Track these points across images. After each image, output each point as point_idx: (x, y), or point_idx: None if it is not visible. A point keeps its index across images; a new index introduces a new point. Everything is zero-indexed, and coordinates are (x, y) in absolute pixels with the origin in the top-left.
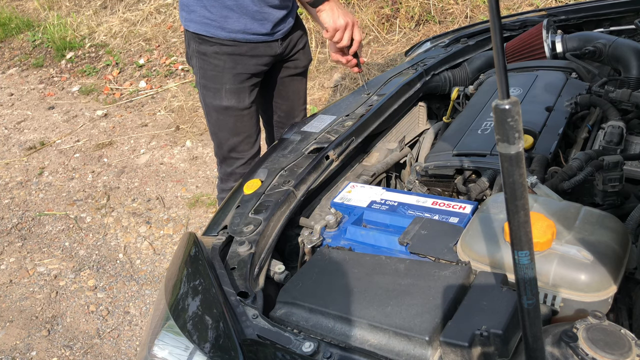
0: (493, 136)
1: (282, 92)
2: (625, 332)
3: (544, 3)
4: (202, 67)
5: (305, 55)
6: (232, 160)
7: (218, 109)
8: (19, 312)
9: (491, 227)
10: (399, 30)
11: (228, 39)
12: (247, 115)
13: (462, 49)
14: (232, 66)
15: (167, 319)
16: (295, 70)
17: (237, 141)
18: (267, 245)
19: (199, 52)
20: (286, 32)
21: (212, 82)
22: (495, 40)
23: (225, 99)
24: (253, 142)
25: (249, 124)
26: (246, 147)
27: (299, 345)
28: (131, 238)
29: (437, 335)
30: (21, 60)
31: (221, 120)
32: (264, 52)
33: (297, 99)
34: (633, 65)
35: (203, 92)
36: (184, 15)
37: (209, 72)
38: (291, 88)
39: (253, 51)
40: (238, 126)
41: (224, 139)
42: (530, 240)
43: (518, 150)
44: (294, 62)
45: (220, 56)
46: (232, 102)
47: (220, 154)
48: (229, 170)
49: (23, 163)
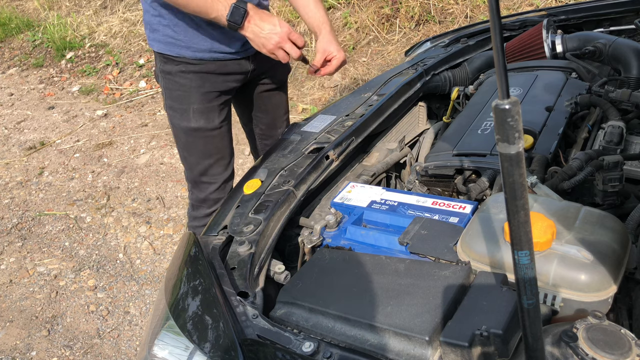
0: (493, 136)
1: (262, 106)
2: (625, 332)
3: (544, 3)
4: (168, 87)
5: (280, 69)
6: (204, 185)
7: (186, 130)
8: (19, 312)
9: (491, 227)
10: (399, 30)
11: (194, 58)
12: (217, 136)
13: (462, 49)
14: (199, 85)
15: (167, 319)
16: (271, 85)
17: (209, 164)
18: (267, 245)
19: (163, 71)
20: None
21: (178, 103)
22: (495, 40)
23: (193, 120)
24: (226, 165)
25: (220, 145)
26: (218, 169)
27: (299, 345)
28: (131, 238)
29: (437, 335)
30: (21, 60)
31: (190, 143)
32: (233, 70)
33: (277, 112)
34: (633, 65)
35: (170, 113)
36: (148, 34)
37: (175, 92)
38: (271, 101)
39: (222, 69)
40: (209, 148)
41: (194, 162)
42: (530, 240)
43: (518, 150)
44: (269, 77)
45: (186, 75)
46: (200, 123)
47: (191, 178)
48: (201, 196)
49: (23, 163)
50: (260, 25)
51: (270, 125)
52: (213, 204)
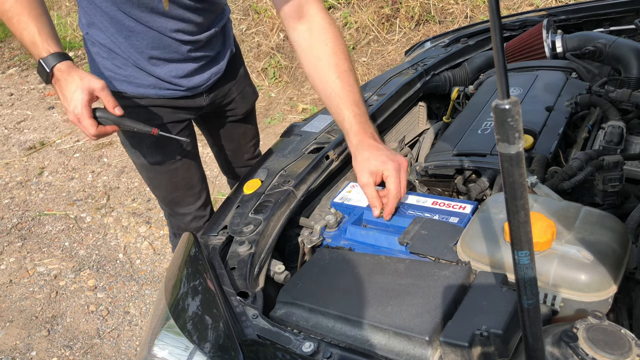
0: (493, 136)
1: (226, 136)
2: (625, 332)
3: (544, 3)
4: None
5: (243, 102)
6: (180, 216)
7: (145, 167)
8: (19, 312)
9: (491, 227)
10: (399, 30)
11: (137, 94)
12: (181, 167)
13: (462, 49)
14: (147, 119)
15: (167, 319)
16: (234, 118)
17: (178, 195)
18: (267, 245)
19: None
20: (210, 85)
21: (130, 139)
22: (495, 40)
23: (149, 156)
24: (198, 193)
25: (186, 176)
26: (190, 199)
27: (299, 345)
28: (131, 238)
29: (437, 335)
30: (21, 60)
31: (153, 179)
32: (187, 105)
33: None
34: (633, 65)
35: (127, 150)
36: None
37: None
38: (235, 131)
39: (172, 103)
40: (174, 181)
41: (162, 196)
42: (530, 240)
43: (518, 150)
44: (231, 110)
45: (133, 109)
46: (157, 159)
47: (166, 209)
48: (181, 225)
49: (23, 163)
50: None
51: (235, 152)
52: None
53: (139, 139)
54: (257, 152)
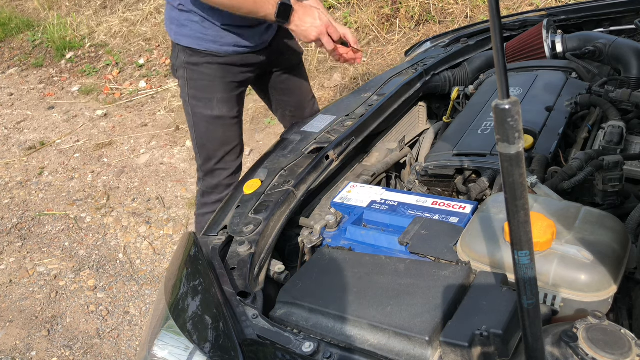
0: (493, 136)
1: (285, 90)
2: (625, 332)
3: (544, 3)
4: (192, 77)
5: (291, 52)
6: (219, 172)
7: (209, 119)
8: (19, 312)
9: (491, 227)
10: (399, 30)
11: (220, 52)
12: (236, 124)
13: (462, 49)
14: (222, 75)
15: (167, 319)
16: (285, 69)
17: (226, 151)
18: (267, 245)
19: (188, 63)
20: (269, 41)
21: (202, 92)
22: (495, 40)
23: (216, 109)
24: (239, 153)
25: (236, 134)
26: (233, 157)
27: (299, 345)
28: (131, 238)
29: (437, 335)
30: (21, 60)
31: (211, 131)
32: (251, 61)
33: (301, 93)
34: (633, 65)
35: (192, 102)
36: (174, 29)
37: (200, 82)
38: (291, 84)
39: (243, 61)
40: (227, 136)
41: (212, 149)
42: (530, 240)
43: (518, 150)
44: (283, 61)
45: (212, 66)
46: (223, 112)
47: (208, 166)
48: (214, 182)
49: (23, 163)
50: (303, 19)
51: (298, 107)
52: (224, 189)
53: (212, 92)
54: (316, 108)
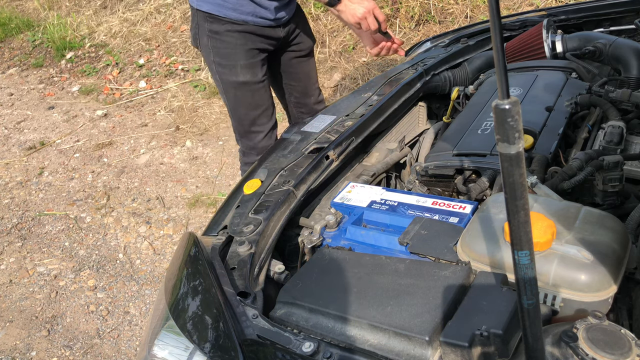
0: (493, 136)
1: (293, 74)
2: (625, 332)
3: (544, 3)
4: (215, 45)
5: (306, 37)
6: (253, 135)
7: (235, 84)
8: (19, 312)
9: (491, 227)
10: (399, 30)
11: (239, 20)
12: (262, 88)
13: (462, 49)
14: (243, 42)
15: (167, 319)
16: (300, 53)
17: (256, 114)
18: (267, 245)
19: (211, 31)
20: (287, 19)
21: (226, 59)
22: (495, 40)
23: (241, 75)
24: (270, 115)
25: (265, 97)
26: (265, 119)
27: (299, 345)
28: (131, 238)
29: (437, 335)
30: (21, 60)
31: (239, 96)
32: (269, 34)
33: (308, 80)
34: (633, 65)
35: (219, 70)
36: None
37: (223, 50)
38: (300, 69)
39: (260, 32)
40: (256, 99)
41: (244, 114)
42: (530, 240)
43: (518, 150)
44: (297, 45)
45: (232, 34)
46: (247, 77)
47: (241, 129)
48: (250, 144)
49: (23, 163)
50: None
51: (303, 93)
52: (261, 151)
53: (235, 59)
54: (321, 97)
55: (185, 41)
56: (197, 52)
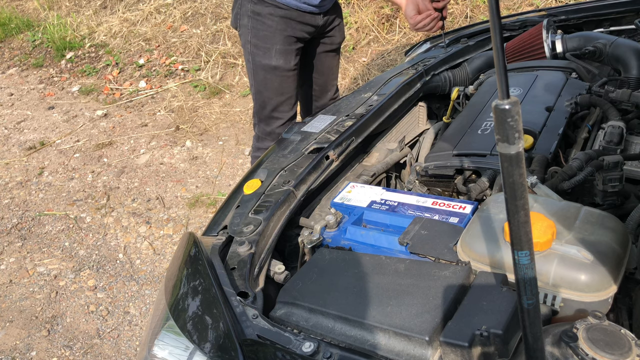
0: (493, 136)
1: (319, 67)
2: (625, 332)
3: (544, 3)
4: (255, 26)
5: (340, 32)
6: (272, 120)
7: (267, 67)
8: (19, 312)
9: (491, 227)
10: (399, 30)
11: (283, 3)
12: (291, 76)
13: (462, 49)
14: (283, 28)
15: (167, 319)
16: (330, 47)
17: (280, 101)
18: (267, 245)
19: (253, 12)
20: (328, 7)
21: (263, 42)
22: (495, 40)
23: (274, 59)
24: (292, 104)
25: (292, 86)
26: (287, 107)
27: (299, 345)
28: (131, 238)
29: (437, 335)
30: (21, 60)
31: (268, 80)
32: (309, 21)
33: (330, 74)
34: (633, 65)
35: (253, 51)
36: None
37: (262, 32)
38: (326, 63)
39: (301, 18)
40: (283, 86)
41: (268, 97)
42: (530, 240)
43: (518, 150)
44: (330, 38)
45: (274, 17)
46: (280, 62)
47: (263, 113)
48: (268, 129)
49: (23, 163)
50: None
51: (322, 87)
52: (277, 137)
53: (272, 43)
54: (337, 94)
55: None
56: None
